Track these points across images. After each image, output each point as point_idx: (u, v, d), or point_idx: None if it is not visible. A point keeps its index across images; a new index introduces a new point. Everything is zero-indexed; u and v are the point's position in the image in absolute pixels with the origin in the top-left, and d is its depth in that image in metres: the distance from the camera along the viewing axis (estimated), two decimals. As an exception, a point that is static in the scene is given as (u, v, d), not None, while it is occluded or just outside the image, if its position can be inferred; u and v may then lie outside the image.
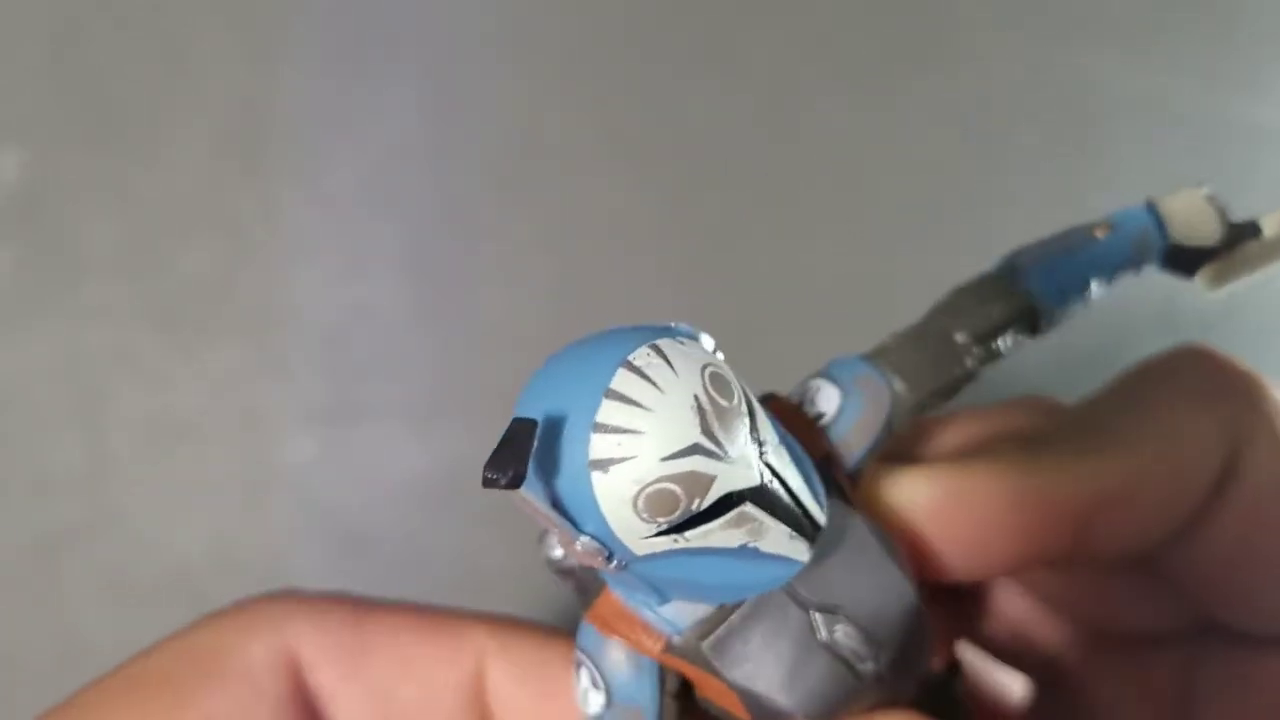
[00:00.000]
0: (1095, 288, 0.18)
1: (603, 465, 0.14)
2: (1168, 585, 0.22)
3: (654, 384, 0.14)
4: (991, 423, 0.21)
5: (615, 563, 0.14)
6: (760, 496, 0.15)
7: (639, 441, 0.14)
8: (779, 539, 0.15)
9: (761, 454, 0.15)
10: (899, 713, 0.17)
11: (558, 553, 0.18)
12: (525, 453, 0.13)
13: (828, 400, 0.18)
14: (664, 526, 0.14)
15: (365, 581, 0.39)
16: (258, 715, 0.18)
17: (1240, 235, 0.19)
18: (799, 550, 0.15)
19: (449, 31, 0.46)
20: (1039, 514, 0.18)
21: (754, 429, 0.15)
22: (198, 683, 0.18)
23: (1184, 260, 0.18)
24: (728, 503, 0.14)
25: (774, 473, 0.15)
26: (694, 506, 0.14)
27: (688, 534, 0.14)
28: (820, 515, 0.15)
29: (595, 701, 0.17)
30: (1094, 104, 0.45)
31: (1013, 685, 0.26)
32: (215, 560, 0.40)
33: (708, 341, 0.15)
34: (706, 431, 0.14)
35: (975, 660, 0.26)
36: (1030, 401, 0.22)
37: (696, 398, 0.14)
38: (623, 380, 0.14)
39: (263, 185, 0.44)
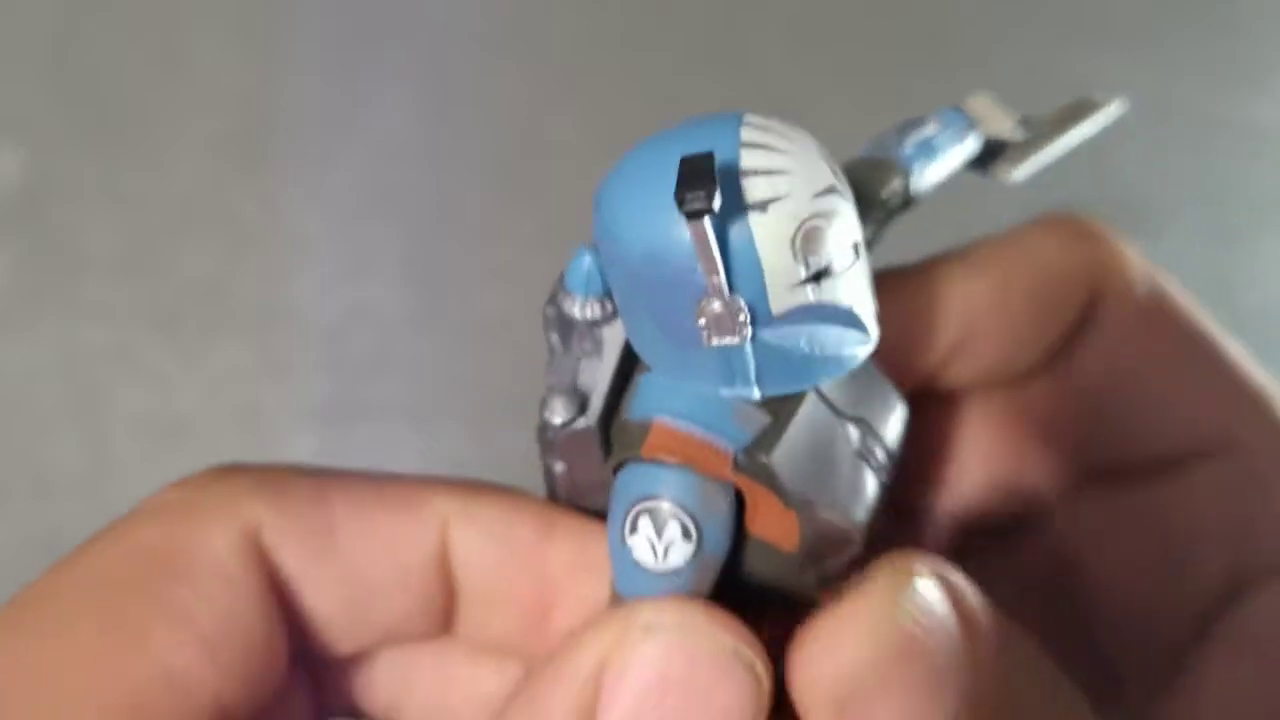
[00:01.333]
0: (942, 163, 0.20)
1: (761, 206, 0.14)
2: (1044, 441, 0.23)
3: (781, 134, 0.15)
4: None
5: (747, 324, 0.15)
6: (863, 251, 0.15)
7: (789, 180, 0.14)
8: (869, 304, 0.16)
9: None
10: (920, 555, 0.17)
11: (558, 418, 0.17)
12: (714, 175, 0.13)
13: None
14: (812, 269, 0.15)
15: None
16: (235, 610, 0.17)
17: (1026, 125, 0.21)
18: (873, 324, 0.16)
19: (449, 33, 0.46)
20: (922, 319, 0.20)
21: None
22: (171, 581, 0.17)
23: (984, 155, 0.21)
24: (854, 251, 0.15)
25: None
26: (833, 247, 0.15)
27: (823, 283, 0.15)
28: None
29: (679, 554, 0.16)
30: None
31: None
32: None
33: None
34: (835, 175, 0.15)
35: None
36: None
37: (817, 145, 0.15)
38: (751, 134, 0.15)
39: (263, 185, 0.44)
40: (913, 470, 0.23)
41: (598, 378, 0.17)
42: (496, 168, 0.44)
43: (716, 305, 0.14)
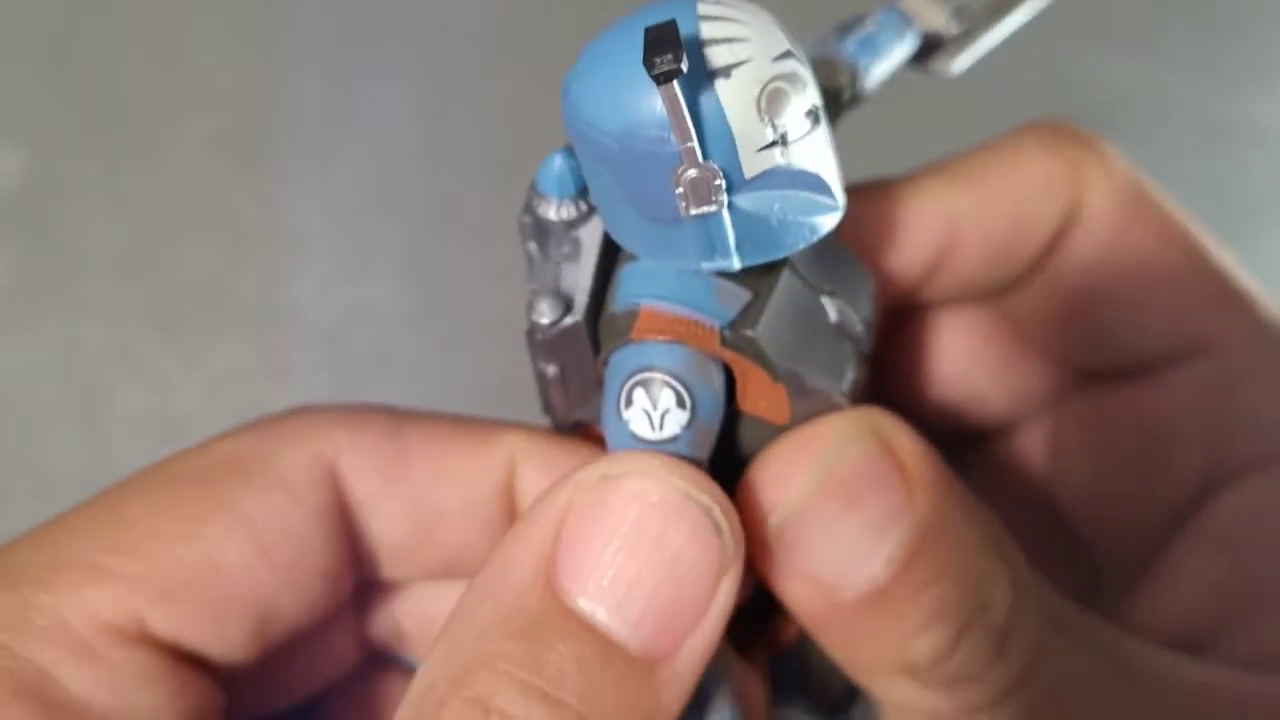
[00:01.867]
0: (884, 61, 0.20)
1: (725, 71, 0.15)
2: (1030, 350, 0.23)
3: (736, 6, 0.15)
4: None
5: (723, 189, 0.15)
6: (823, 118, 0.16)
7: (749, 46, 0.15)
8: (834, 172, 0.16)
9: None
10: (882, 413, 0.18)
11: (546, 318, 0.18)
12: (678, 39, 0.14)
13: None
14: (779, 131, 0.15)
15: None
16: (294, 521, 0.18)
17: (961, 18, 0.21)
18: (840, 191, 0.16)
19: (448, 33, 0.46)
20: (902, 235, 0.21)
21: None
22: (236, 485, 0.18)
23: (922, 50, 0.21)
24: (813, 117, 0.16)
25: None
26: (796, 108, 0.15)
27: (790, 146, 0.15)
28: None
29: (675, 422, 0.17)
30: (1093, 102, 0.45)
31: None
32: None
33: None
34: (792, 41, 0.16)
35: None
36: None
37: (772, 17, 0.16)
38: (708, 8, 0.15)
39: (263, 185, 0.44)
40: (896, 377, 0.24)
41: (579, 277, 0.18)
42: (496, 167, 0.44)
43: (692, 172, 0.15)
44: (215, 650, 0.18)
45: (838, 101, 0.19)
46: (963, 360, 0.24)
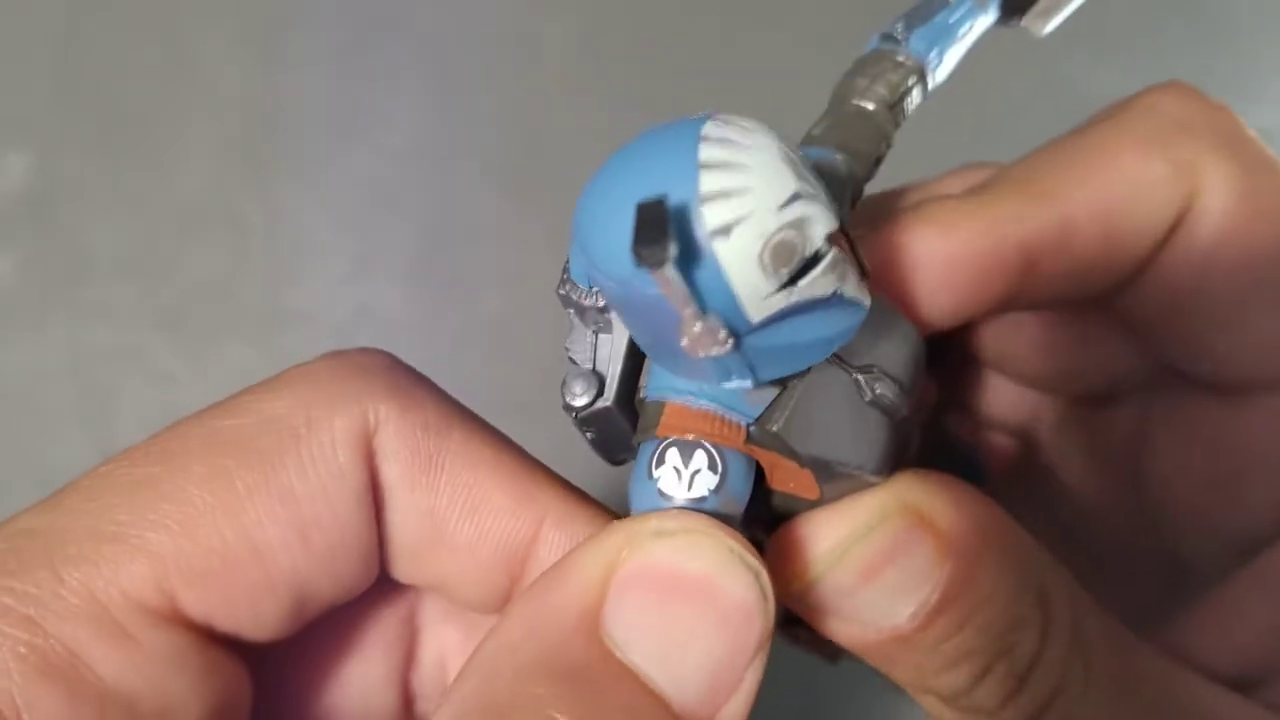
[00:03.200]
0: (960, 43, 0.19)
1: (724, 231, 0.14)
2: (1124, 333, 0.22)
3: (739, 145, 0.14)
4: (951, 185, 0.22)
5: (729, 341, 0.14)
6: (840, 238, 0.15)
7: (750, 199, 0.14)
8: (853, 281, 0.15)
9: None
10: (928, 477, 0.18)
11: (579, 402, 0.18)
12: (667, 228, 0.13)
13: None
14: (785, 278, 0.14)
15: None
16: (336, 501, 0.18)
17: None
18: (864, 293, 0.15)
19: (454, 34, 0.46)
20: (977, 265, 0.19)
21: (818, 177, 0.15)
22: (284, 455, 0.17)
23: (1012, 8, 0.20)
24: (825, 248, 0.15)
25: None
26: (805, 252, 0.14)
27: (799, 284, 0.14)
28: (864, 261, 0.16)
29: (704, 484, 0.16)
30: (1088, 108, 0.45)
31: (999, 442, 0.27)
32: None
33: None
34: (800, 178, 0.14)
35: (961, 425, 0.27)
36: (982, 166, 0.23)
37: (780, 150, 0.14)
38: (709, 152, 0.14)
39: (268, 186, 0.44)
40: (978, 342, 0.23)
41: (611, 356, 0.18)
42: (501, 169, 0.44)
43: (696, 328, 0.14)
44: (247, 632, 0.17)
45: (904, 110, 0.18)
46: (1047, 332, 0.23)
